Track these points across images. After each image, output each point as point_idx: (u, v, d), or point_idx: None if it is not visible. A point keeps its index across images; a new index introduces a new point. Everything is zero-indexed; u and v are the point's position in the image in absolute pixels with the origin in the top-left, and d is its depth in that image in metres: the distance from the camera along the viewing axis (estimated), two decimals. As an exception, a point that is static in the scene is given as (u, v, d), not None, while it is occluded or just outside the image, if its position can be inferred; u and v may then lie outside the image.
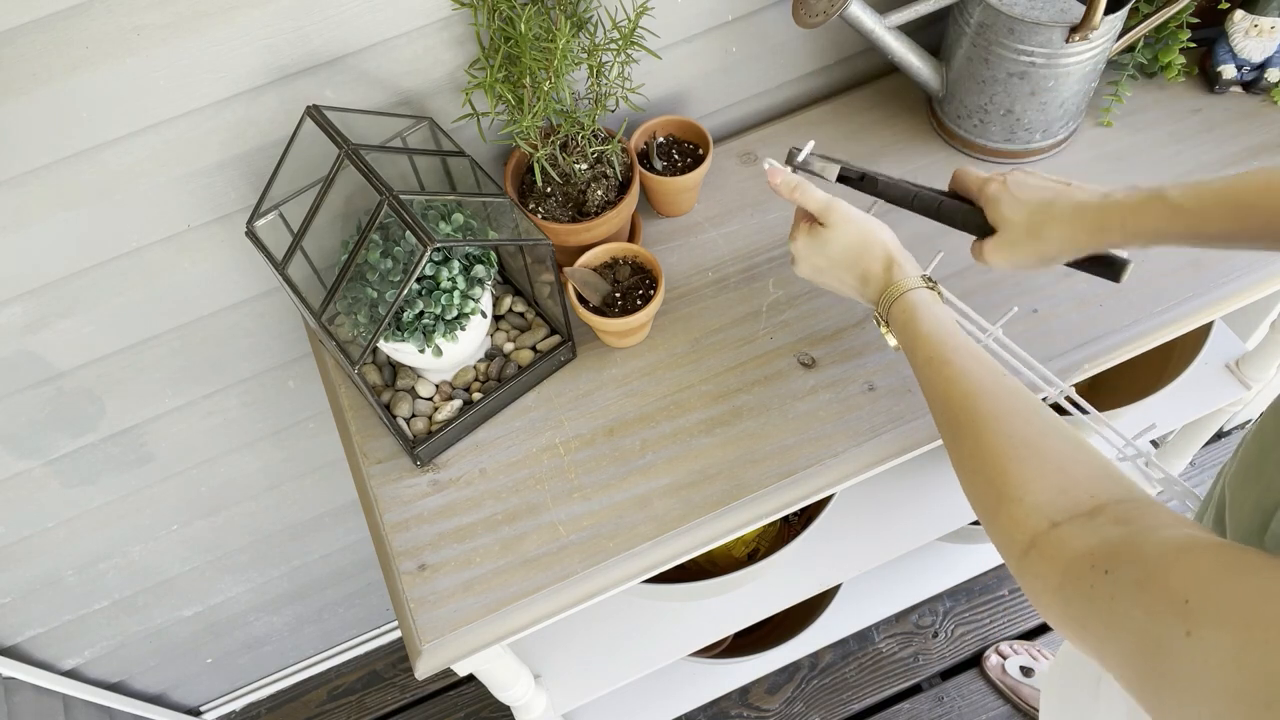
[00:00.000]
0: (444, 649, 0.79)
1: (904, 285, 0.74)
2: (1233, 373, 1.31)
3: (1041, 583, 0.53)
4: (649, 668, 1.20)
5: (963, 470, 0.64)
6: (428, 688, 1.85)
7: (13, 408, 1.02)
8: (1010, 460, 0.59)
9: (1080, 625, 0.49)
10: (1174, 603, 0.42)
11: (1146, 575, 0.45)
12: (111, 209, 0.88)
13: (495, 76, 0.81)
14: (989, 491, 0.59)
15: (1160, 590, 0.44)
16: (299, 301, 0.82)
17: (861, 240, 0.77)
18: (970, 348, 0.68)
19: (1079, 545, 0.51)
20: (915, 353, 0.71)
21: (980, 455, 0.61)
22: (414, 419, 0.90)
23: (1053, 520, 0.54)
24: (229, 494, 1.31)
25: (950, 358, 0.67)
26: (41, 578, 1.27)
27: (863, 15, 0.92)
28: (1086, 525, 0.52)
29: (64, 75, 0.76)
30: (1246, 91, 1.05)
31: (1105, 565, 0.48)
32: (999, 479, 0.59)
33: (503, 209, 0.87)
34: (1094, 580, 0.48)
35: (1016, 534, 0.56)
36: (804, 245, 0.80)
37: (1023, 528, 0.55)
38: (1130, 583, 0.46)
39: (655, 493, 0.85)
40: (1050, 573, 0.52)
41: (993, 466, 0.60)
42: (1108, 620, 0.47)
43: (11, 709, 1.30)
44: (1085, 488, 0.55)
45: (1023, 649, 1.70)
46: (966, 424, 0.63)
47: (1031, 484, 0.57)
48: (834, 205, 0.79)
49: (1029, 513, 0.55)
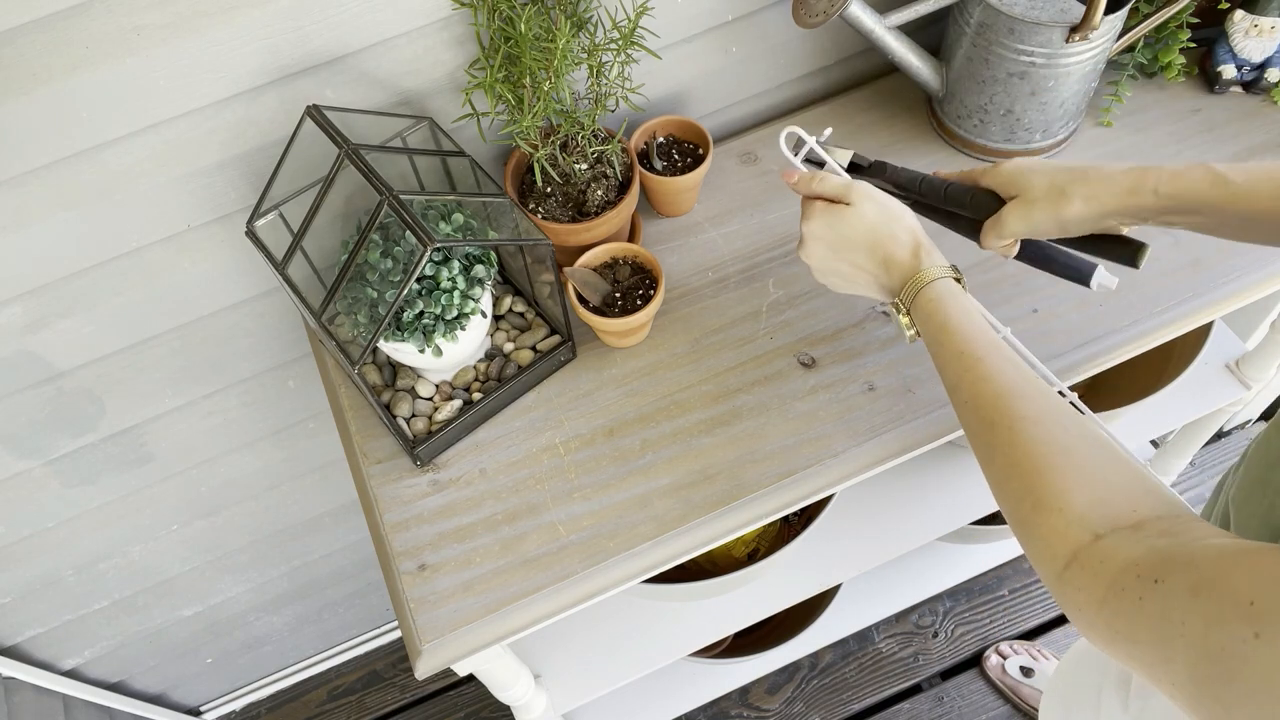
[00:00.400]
0: (444, 649, 0.79)
1: (933, 273, 0.70)
2: (1233, 373, 1.31)
3: (1085, 595, 0.51)
4: (649, 668, 1.20)
5: (994, 473, 0.61)
6: (428, 688, 1.85)
7: (13, 408, 1.02)
8: (1048, 467, 0.56)
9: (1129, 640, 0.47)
10: (1238, 605, 0.41)
11: (1202, 581, 0.44)
12: (111, 209, 0.88)
13: (495, 76, 0.81)
14: (1025, 499, 0.57)
15: (1220, 594, 0.42)
16: (299, 301, 0.82)
17: (886, 221, 0.73)
18: (1002, 346, 0.65)
19: (1124, 556, 0.49)
20: (943, 345, 0.67)
21: (1015, 460, 0.59)
22: (414, 419, 0.90)
23: (1096, 532, 0.52)
24: (229, 494, 1.31)
25: (982, 355, 0.64)
26: (41, 578, 1.27)
27: (863, 15, 0.92)
28: (1131, 537, 0.50)
29: (64, 75, 0.76)
30: (1246, 91, 1.05)
31: (1155, 575, 0.46)
32: (1037, 486, 0.56)
33: (503, 209, 0.87)
34: (1142, 592, 0.47)
35: (1057, 546, 0.53)
36: (820, 224, 0.76)
37: (1064, 540, 0.53)
38: (1184, 590, 0.44)
39: (655, 493, 0.85)
40: (1094, 585, 0.50)
41: (1029, 472, 0.57)
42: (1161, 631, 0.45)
43: (11, 709, 1.30)
44: (1127, 500, 0.53)
45: (1023, 649, 1.70)
46: (1001, 425, 0.60)
47: (1072, 494, 0.54)
48: (856, 184, 0.75)
49: (1070, 524, 0.53)
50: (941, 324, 0.68)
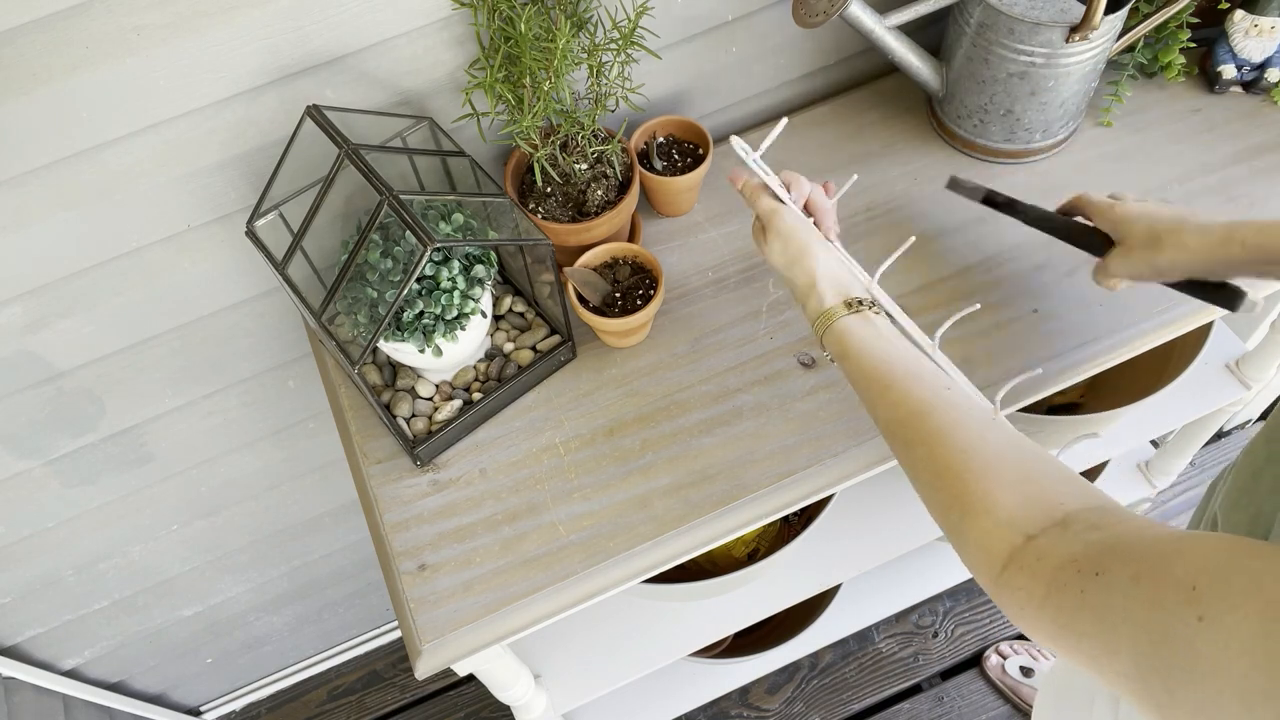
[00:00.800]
0: (444, 649, 0.79)
1: (828, 317, 0.71)
2: (1233, 373, 1.31)
3: (1024, 595, 0.51)
4: (649, 668, 1.20)
5: (922, 490, 0.62)
6: (428, 688, 1.85)
7: (13, 408, 1.02)
8: (969, 474, 0.57)
9: (1073, 634, 0.48)
10: (1180, 589, 0.41)
11: (1145, 568, 0.44)
12: (111, 209, 0.88)
13: (495, 76, 0.81)
14: (953, 508, 0.58)
15: (1162, 579, 0.43)
16: (299, 301, 0.82)
17: (789, 262, 0.75)
18: (909, 367, 0.66)
19: (1061, 553, 0.50)
20: (855, 382, 0.69)
21: (936, 472, 0.60)
22: (414, 419, 0.90)
23: (1027, 533, 0.53)
24: (229, 494, 1.31)
25: (888, 382, 0.66)
26: (41, 578, 1.27)
27: (863, 15, 0.92)
28: (1064, 534, 0.51)
29: (64, 75, 0.76)
30: (1246, 91, 1.05)
31: (1095, 568, 0.47)
32: (962, 494, 0.57)
33: (503, 209, 0.87)
34: (1084, 585, 0.47)
35: (991, 550, 0.54)
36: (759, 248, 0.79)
37: (997, 542, 0.54)
38: (1126, 579, 0.45)
39: (655, 493, 0.85)
40: (1034, 584, 0.51)
41: (952, 482, 0.58)
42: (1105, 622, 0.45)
43: (11, 709, 1.30)
44: (1052, 497, 0.54)
45: (1023, 649, 1.70)
46: (917, 443, 0.62)
47: (996, 496, 0.55)
48: (774, 214, 0.76)
49: (1000, 525, 0.54)
50: (847, 366, 0.70)
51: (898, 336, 0.70)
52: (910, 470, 0.64)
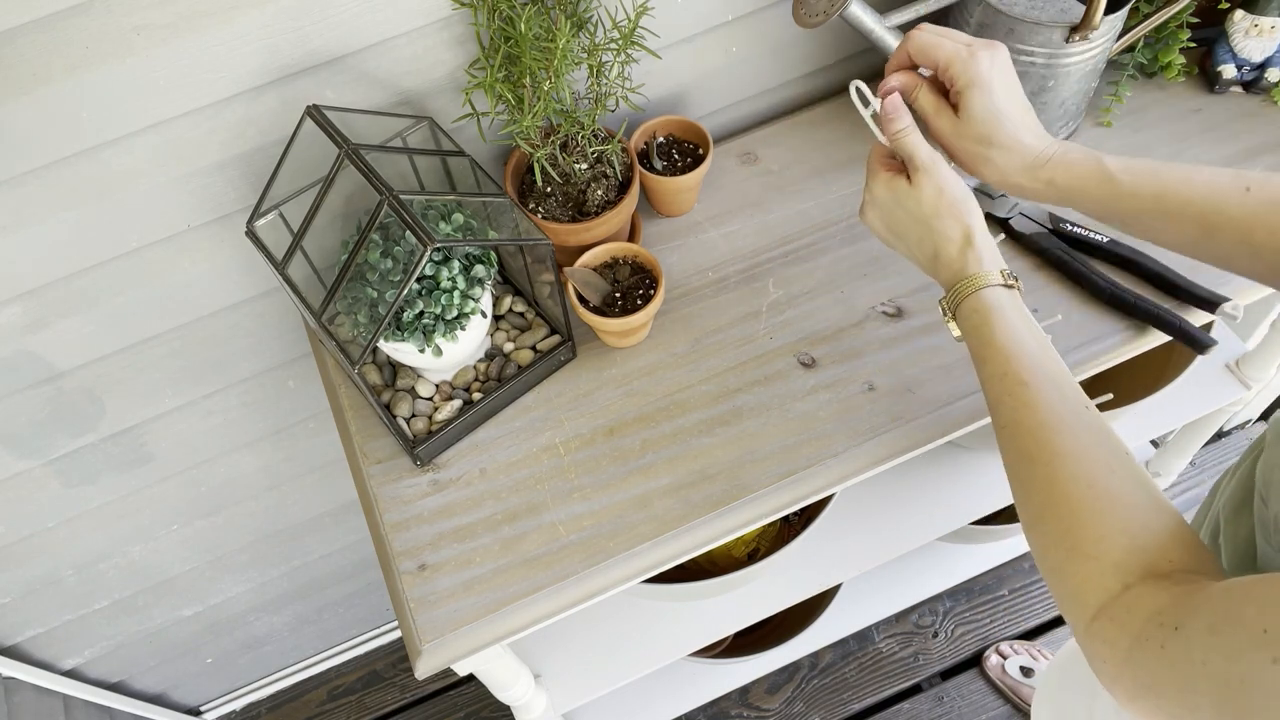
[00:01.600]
0: (444, 649, 0.79)
1: (979, 280, 0.64)
2: (1233, 373, 1.31)
3: (1109, 649, 0.50)
4: (649, 668, 1.20)
5: (1029, 511, 0.58)
6: (428, 688, 1.85)
7: (13, 408, 1.02)
8: (1087, 512, 0.54)
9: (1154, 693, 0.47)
10: (1253, 635, 0.41)
11: (1219, 618, 0.44)
12: (111, 209, 0.88)
13: (495, 76, 0.81)
14: (1061, 543, 0.55)
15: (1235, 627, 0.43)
16: (299, 301, 0.82)
17: (940, 211, 0.66)
18: (1050, 370, 0.61)
19: (1149, 605, 0.49)
20: (985, 362, 0.63)
21: (1052, 500, 0.56)
22: (414, 419, 0.90)
23: (1125, 583, 0.51)
24: (229, 494, 1.31)
25: (1026, 379, 0.60)
26: (41, 578, 1.27)
27: (863, 15, 0.92)
28: (1157, 585, 0.50)
29: (64, 75, 0.76)
30: (1246, 91, 1.05)
31: (1175, 622, 0.46)
32: (1074, 530, 0.54)
33: (503, 209, 0.87)
34: (1164, 639, 0.46)
35: (1088, 595, 0.52)
36: (879, 194, 0.70)
37: (1095, 589, 0.52)
38: (1203, 630, 0.44)
39: (655, 493, 0.85)
40: (1120, 638, 0.49)
41: (1066, 515, 0.54)
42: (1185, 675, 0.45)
43: (11, 709, 1.30)
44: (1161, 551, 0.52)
45: (1023, 649, 1.70)
46: (1040, 461, 0.57)
47: (1109, 541, 0.52)
48: (928, 156, 0.68)
49: (1104, 572, 0.52)
50: (985, 340, 0.63)
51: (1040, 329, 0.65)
52: (1020, 483, 0.59)
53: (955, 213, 0.66)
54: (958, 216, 0.66)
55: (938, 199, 0.67)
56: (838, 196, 1.02)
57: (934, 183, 0.67)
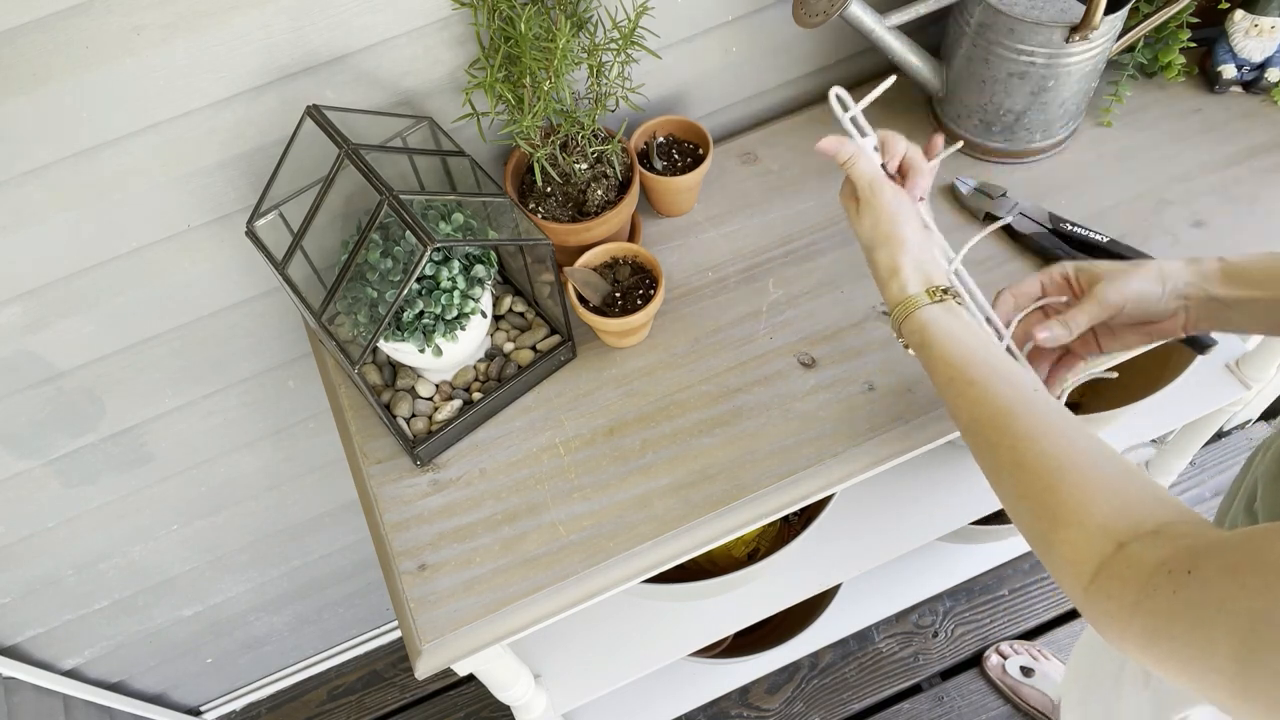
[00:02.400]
0: (444, 649, 0.79)
1: (910, 304, 0.68)
2: (1233, 373, 1.31)
3: (1115, 603, 0.50)
4: (649, 668, 1.20)
5: (1005, 495, 0.60)
6: (428, 688, 1.85)
7: (13, 408, 1.02)
8: (1059, 483, 0.55)
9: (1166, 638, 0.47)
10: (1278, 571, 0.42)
11: (1239, 558, 0.44)
12: (111, 209, 0.88)
13: (495, 76, 0.81)
14: (1041, 517, 0.56)
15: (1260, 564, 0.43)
16: (299, 301, 0.82)
17: (879, 238, 0.71)
18: (994, 363, 0.63)
19: (1153, 557, 0.49)
20: (935, 374, 0.67)
21: (1023, 480, 0.58)
22: (414, 419, 0.90)
23: (1119, 541, 0.52)
24: (229, 494, 1.31)
25: (973, 377, 0.63)
26: (41, 578, 1.27)
27: (863, 15, 0.92)
28: (1155, 540, 0.50)
29: (64, 75, 0.76)
30: (1246, 91, 1.05)
31: (1186, 567, 0.46)
32: (1051, 502, 0.55)
33: (503, 209, 0.87)
34: (1175, 585, 0.47)
35: (1081, 560, 0.53)
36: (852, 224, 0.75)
37: (1087, 552, 0.52)
38: (1220, 570, 0.45)
39: (655, 493, 0.85)
40: (1126, 591, 0.50)
41: (1041, 490, 0.56)
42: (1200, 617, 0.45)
43: (11, 709, 1.30)
44: (1144, 508, 0.53)
45: (1023, 649, 1.70)
46: (1003, 446, 0.60)
47: (1089, 505, 0.54)
48: (874, 189, 0.72)
49: (1092, 536, 0.53)
50: (928, 354, 0.67)
51: (982, 329, 0.68)
52: (992, 473, 0.61)
53: (888, 243, 0.70)
54: (888, 245, 0.70)
55: (873, 232, 0.71)
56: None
57: (871, 215, 0.72)
